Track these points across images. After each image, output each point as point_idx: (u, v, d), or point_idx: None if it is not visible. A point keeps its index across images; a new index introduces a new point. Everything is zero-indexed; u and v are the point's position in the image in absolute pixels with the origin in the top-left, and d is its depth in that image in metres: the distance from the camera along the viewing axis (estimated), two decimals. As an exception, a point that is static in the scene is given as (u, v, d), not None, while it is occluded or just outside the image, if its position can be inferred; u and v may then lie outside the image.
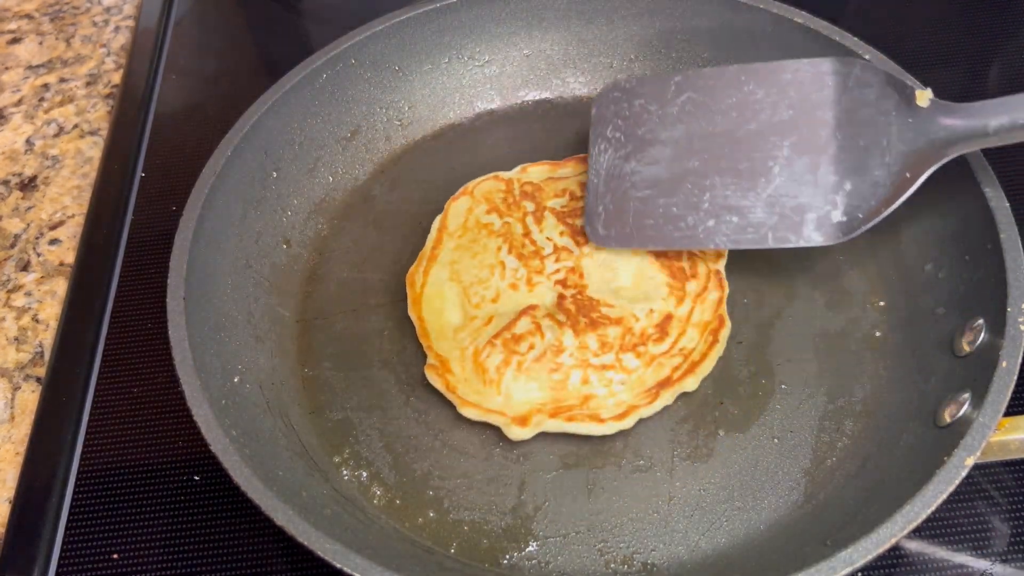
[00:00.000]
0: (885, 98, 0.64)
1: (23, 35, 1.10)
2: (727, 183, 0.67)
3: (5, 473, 0.73)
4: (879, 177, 0.63)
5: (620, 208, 0.70)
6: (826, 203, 0.64)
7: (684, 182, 0.68)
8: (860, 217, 0.63)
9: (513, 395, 0.67)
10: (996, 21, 1.00)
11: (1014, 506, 0.65)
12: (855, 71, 0.66)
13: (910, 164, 0.62)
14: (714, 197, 0.67)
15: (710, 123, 0.69)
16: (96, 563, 0.66)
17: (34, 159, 0.96)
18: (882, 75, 0.65)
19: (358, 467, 0.67)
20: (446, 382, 0.68)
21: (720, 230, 0.67)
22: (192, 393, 0.59)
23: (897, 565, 0.64)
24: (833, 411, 0.67)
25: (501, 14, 0.87)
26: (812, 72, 0.67)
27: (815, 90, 0.67)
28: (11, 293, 0.85)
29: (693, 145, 0.69)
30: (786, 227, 0.65)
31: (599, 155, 0.73)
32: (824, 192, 0.64)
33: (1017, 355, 0.58)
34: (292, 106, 0.79)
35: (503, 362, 0.68)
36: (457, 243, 0.76)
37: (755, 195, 0.66)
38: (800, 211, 0.65)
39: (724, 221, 0.67)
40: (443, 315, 0.72)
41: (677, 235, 0.68)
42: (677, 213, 0.68)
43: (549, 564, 0.62)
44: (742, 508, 0.63)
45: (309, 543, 0.53)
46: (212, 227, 0.71)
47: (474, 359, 0.69)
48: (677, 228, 0.68)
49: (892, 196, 0.62)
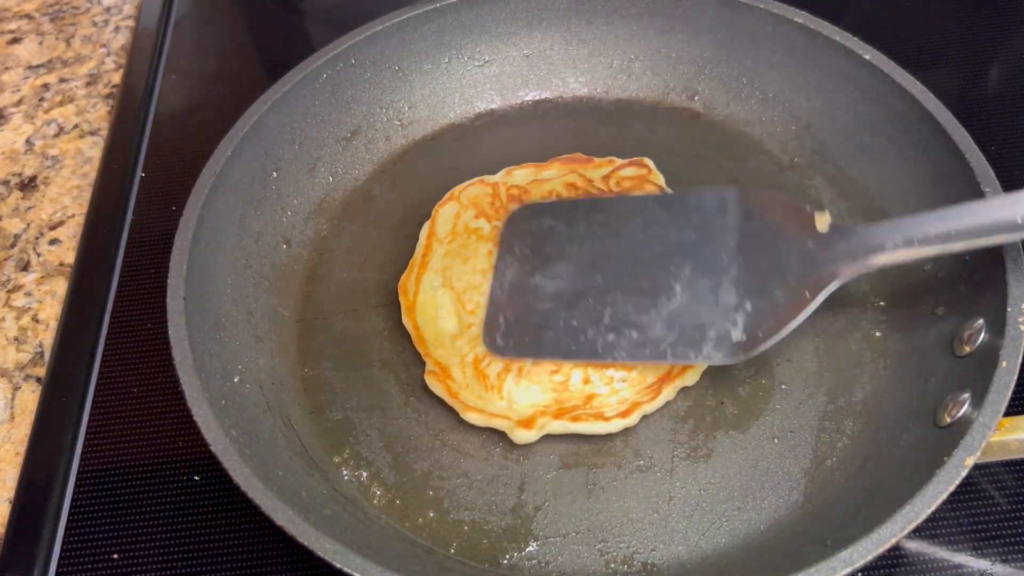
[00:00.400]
0: (787, 223, 0.66)
1: (23, 35, 1.10)
2: (628, 300, 0.67)
3: (5, 473, 0.73)
4: (778, 297, 0.64)
5: (521, 319, 0.69)
6: (726, 322, 0.64)
7: (586, 297, 0.69)
8: (759, 336, 0.63)
9: (516, 399, 0.67)
10: (996, 21, 1.00)
11: (1014, 506, 0.65)
12: (756, 198, 0.69)
13: (809, 284, 0.63)
14: (615, 312, 0.67)
15: (616, 243, 0.71)
16: (96, 563, 0.66)
17: (34, 159, 0.96)
18: (782, 202, 0.69)
19: (358, 467, 0.67)
20: (448, 388, 0.68)
21: (619, 344, 0.66)
22: (192, 393, 0.59)
23: (897, 565, 0.64)
24: (833, 411, 0.67)
25: (501, 14, 0.87)
26: (716, 200, 0.70)
27: (718, 216, 0.69)
28: (11, 293, 0.85)
29: (597, 262, 0.70)
30: (686, 344, 0.65)
31: (504, 268, 0.72)
32: (724, 312, 0.65)
33: (1017, 355, 0.58)
34: (292, 106, 0.79)
35: (504, 368, 0.68)
36: (447, 249, 0.75)
37: (656, 312, 0.66)
38: (700, 329, 0.65)
39: (624, 336, 0.66)
40: (438, 322, 0.72)
41: (575, 348, 0.67)
42: (577, 326, 0.68)
43: (549, 564, 0.62)
44: (742, 508, 0.63)
45: (309, 543, 0.53)
46: (212, 227, 0.71)
47: (474, 366, 0.69)
48: (576, 341, 0.67)
49: (790, 315, 0.63)
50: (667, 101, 0.88)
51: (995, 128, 0.89)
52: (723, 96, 0.87)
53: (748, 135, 0.85)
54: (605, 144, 0.86)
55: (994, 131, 0.89)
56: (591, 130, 0.87)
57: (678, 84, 0.88)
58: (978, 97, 0.93)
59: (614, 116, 0.88)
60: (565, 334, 0.68)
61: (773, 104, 0.84)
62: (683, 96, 0.88)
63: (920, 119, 0.72)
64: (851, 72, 0.78)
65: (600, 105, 0.89)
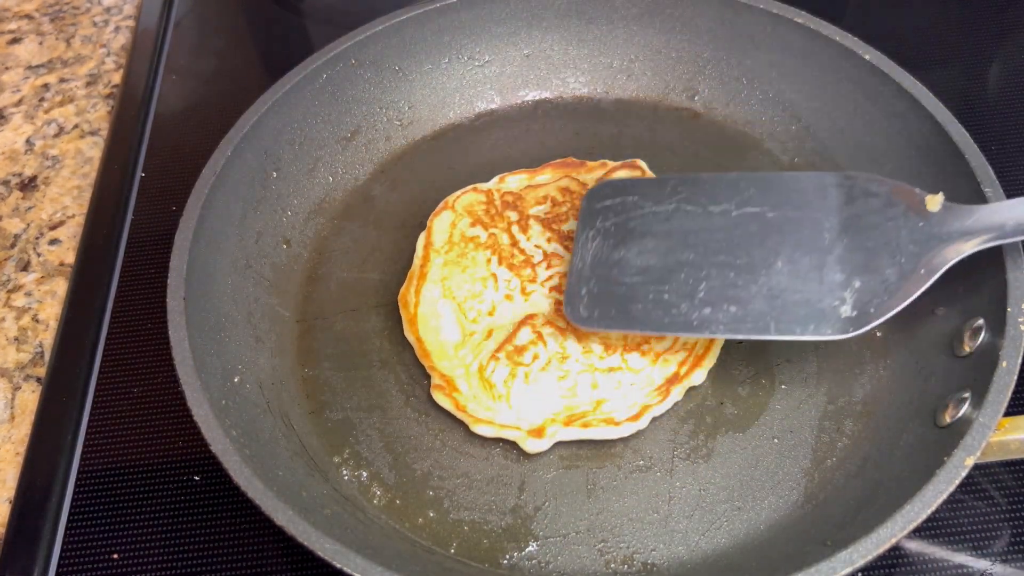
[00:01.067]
0: (892, 206, 0.64)
1: (23, 35, 1.10)
2: (725, 275, 0.65)
3: (5, 473, 0.72)
4: (890, 275, 0.62)
5: (605, 292, 0.67)
6: (834, 299, 0.62)
7: (678, 272, 0.66)
8: (871, 312, 0.61)
9: (524, 407, 0.67)
10: (996, 21, 1.00)
11: (1014, 506, 0.65)
12: (859, 182, 0.66)
13: (924, 262, 0.61)
14: (711, 287, 0.65)
15: (707, 221, 0.68)
16: (96, 563, 0.66)
17: (34, 159, 0.96)
18: (888, 185, 0.65)
19: (358, 467, 0.67)
20: (455, 402, 0.68)
21: (716, 318, 0.64)
22: (192, 393, 0.59)
23: (897, 565, 0.64)
24: (833, 411, 0.67)
25: (501, 14, 0.87)
26: (815, 183, 0.68)
27: (818, 199, 0.67)
28: (11, 293, 0.85)
29: (688, 239, 0.68)
30: (790, 319, 0.63)
31: (586, 242, 0.70)
32: (830, 289, 0.63)
33: (1017, 355, 0.58)
34: (292, 106, 0.79)
35: (509, 375, 0.67)
36: (445, 259, 0.75)
37: (756, 287, 0.64)
38: (806, 304, 0.63)
39: (722, 310, 0.64)
40: (440, 333, 0.71)
41: (667, 320, 0.65)
42: (669, 300, 0.65)
43: (549, 564, 0.62)
44: (742, 508, 0.63)
45: (309, 543, 0.53)
46: (212, 227, 0.71)
47: (480, 375, 0.68)
48: (668, 314, 0.65)
49: (906, 291, 0.61)
50: (667, 101, 0.88)
51: (995, 128, 0.89)
52: (723, 96, 0.87)
53: (748, 135, 0.85)
54: (605, 144, 0.86)
55: (994, 131, 0.89)
56: (591, 130, 0.87)
57: (678, 84, 0.88)
58: (978, 97, 0.93)
59: (614, 116, 0.88)
60: (656, 307, 0.65)
61: (773, 104, 0.84)
62: (683, 96, 0.88)
63: (920, 119, 0.73)
64: (851, 72, 0.78)
65: (600, 105, 0.89)
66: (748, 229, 0.67)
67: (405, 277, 0.76)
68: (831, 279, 0.63)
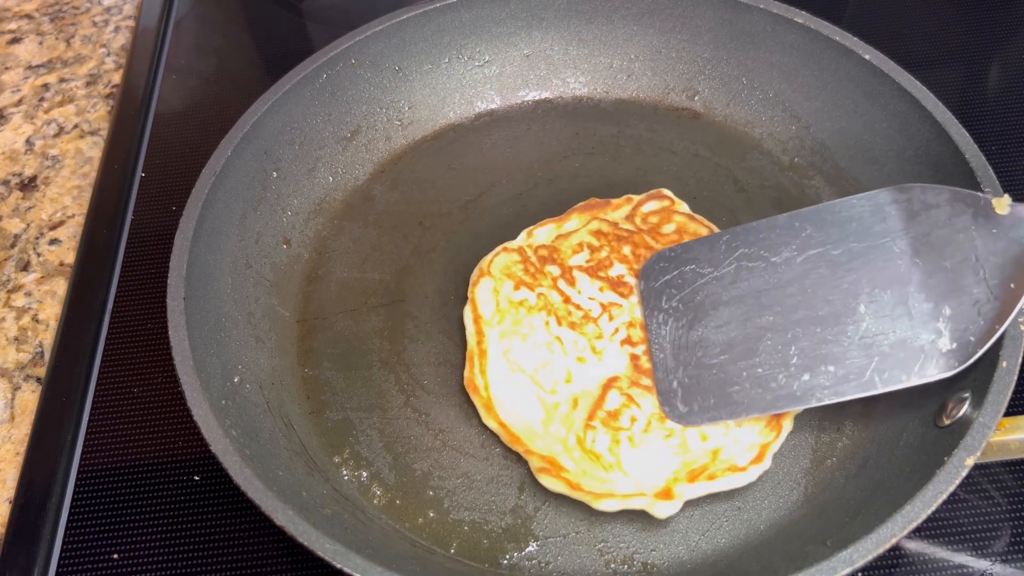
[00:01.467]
0: (958, 215, 0.60)
1: (23, 35, 1.10)
2: (812, 333, 0.62)
3: (5, 473, 0.72)
4: (979, 295, 0.58)
5: (697, 380, 0.64)
6: (930, 333, 0.59)
7: (762, 340, 0.63)
8: (972, 340, 0.58)
9: (640, 472, 0.63)
10: (996, 21, 1.00)
11: (1014, 506, 0.65)
12: (916, 195, 0.62)
13: (1011, 274, 0.58)
14: (802, 349, 0.62)
15: (774, 275, 0.65)
16: (96, 563, 0.66)
17: (34, 159, 0.96)
18: (947, 193, 0.61)
19: (358, 467, 0.67)
20: (567, 482, 0.63)
21: (819, 383, 0.61)
22: (192, 393, 0.59)
23: (897, 565, 0.64)
24: (833, 411, 0.67)
25: (501, 14, 0.87)
26: (870, 205, 0.64)
27: (877, 222, 0.63)
28: (11, 293, 0.85)
29: (761, 300, 0.65)
30: (891, 366, 0.59)
31: (659, 328, 0.67)
32: (923, 322, 0.59)
33: (1017, 355, 0.58)
34: (292, 106, 0.79)
35: (612, 442, 0.64)
36: (500, 330, 0.70)
37: (847, 339, 0.61)
38: (902, 347, 0.59)
39: (821, 373, 0.61)
40: (523, 413, 0.67)
41: (770, 397, 0.62)
42: (764, 374, 0.62)
43: (549, 564, 0.62)
44: (742, 508, 0.63)
45: (309, 543, 0.53)
46: (212, 227, 0.71)
47: (581, 447, 0.64)
48: (768, 390, 0.62)
49: (1003, 311, 0.57)
50: (667, 101, 0.88)
51: (995, 128, 0.89)
52: (723, 96, 0.87)
53: (748, 135, 0.85)
54: (605, 144, 0.86)
55: (994, 131, 0.89)
56: (591, 130, 0.87)
57: (678, 84, 0.88)
58: (978, 97, 0.93)
59: (614, 116, 0.88)
60: (753, 385, 0.62)
61: (773, 104, 0.84)
62: (683, 96, 0.88)
63: (920, 119, 0.73)
64: (851, 72, 0.78)
65: (600, 105, 0.89)
66: (819, 274, 0.64)
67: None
68: (919, 311, 0.60)
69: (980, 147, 0.68)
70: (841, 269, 0.63)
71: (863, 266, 0.63)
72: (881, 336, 0.60)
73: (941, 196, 0.62)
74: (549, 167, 0.85)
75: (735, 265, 0.67)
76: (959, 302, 0.59)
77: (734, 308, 0.65)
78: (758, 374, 0.63)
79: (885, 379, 0.60)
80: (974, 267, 0.59)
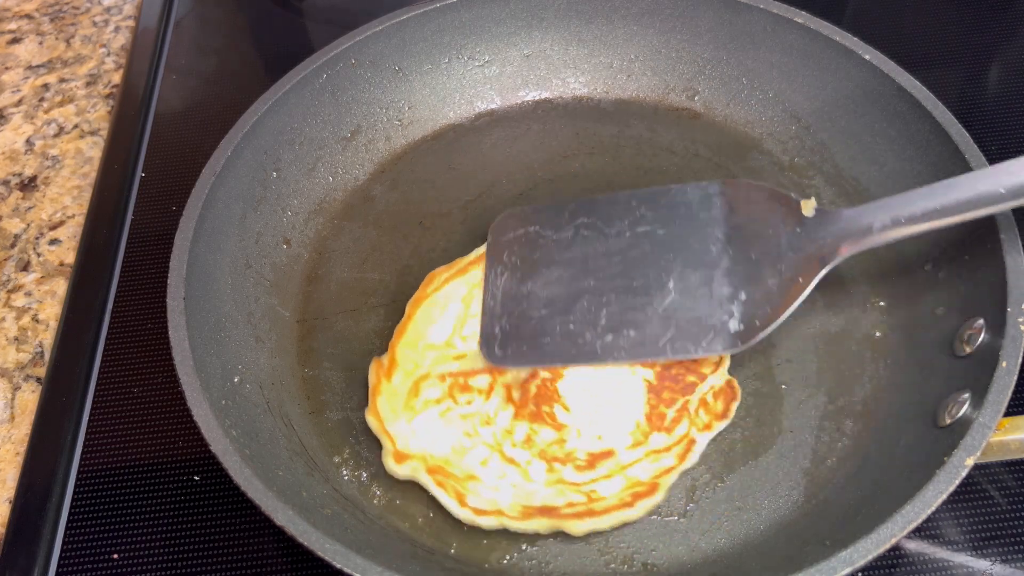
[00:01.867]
0: (771, 212, 0.67)
1: (23, 35, 1.10)
2: (623, 300, 0.68)
3: (5, 473, 0.72)
4: (772, 285, 0.64)
5: (517, 328, 0.69)
6: (723, 313, 0.65)
7: (580, 300, 0.69)
8: (756, 324, 0.64)
9: (417, 433, 0.65)
10: (996, 21, 1.00)
11: (1014, 506, 0.65)
12: (740, 190, 0.69)
13: (801, 270, 0.64)
14: (611, 313, 0.67)
15: (604, 245, 0.71)
16: (96, 563, 0.66)
17: (34, 159, 0.96)
18: (766, 191, 0.68)
19: (358, 467, 0.67)
20: (378, 380, 0.68)
21: (618, 344, 0.66)
22: (192, 393, 0.59)
23: (897, 565, 0.64)
24: (833, 411, 0.67)
25: (501, 14, 0.87)
26: (700, 194, 0.71)
27: (703, 210, 0.70)
28: (11, 293, 0.85)
29: (588, 265, 0.70)
30: (684, 338, 0.65)
31: (495, 278, 0.72)
32: (720, 304, 0.65)
33: (1017, 355, 0.58)
34: (292, 106, 0.79)
35: (435, 401, 0.67)
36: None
37: (652, 309, 0.67)
38: (697, 323, 0.65)
39: (622, 336, 0.66)
40: (431, 325, 0.71)
41: (575, 352, 0.67)
42: (574, 330, 0.67)
43: (549, 564, 0.62)
44: (742, 508, 0.63)
45: (309, 543, 0.53)
46: (212, 227, 0.71)
47: (415, 381, 0.68)
48: (575, 344, 0.67)
49: (786, 302, 0.63)
50: (667, 101, 0.88)
51: (995, 128, 0.89)
52: (723, 96, 0.87)
53: (748, 135, 0.85)
54: (605, 144, 0.86)
55: (994, 131, 0.89)
56: (591, 130, 0.87)
57: (678, 84, 0.88)
58: (978, 97, 0.93)
59: (614, 116, 0.88)
60: (563, 339, 0.67)
61: (773, 104, 0.84)
62: (683, 96, 0.88)
63: (920, 119, 0.73)
64: (851, 72, 0.78)
65: (600, 105, 0.89)
66: (642, 249, 0.70)
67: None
68: (720, 293, 0.66)
69: (980, 147, 0.68)
70: (662, 247, 0.69)
71: (681, 248, 0.69)
72: (681, 311, 0.66)
73: (760, 194, 0.69)
74: (549, 167, 0.85)
75: (573, 232, 0.72)
76: (754, 290, 0.65)
77: (563, 270, 0.71)
78: (569, 330, 0.68)
79: (675, 348, 0.65)
80: (774, 260, 0.65)
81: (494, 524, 0.62)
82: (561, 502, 0.62)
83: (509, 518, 0.62)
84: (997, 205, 0.59)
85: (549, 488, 0.63)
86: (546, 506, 0.62)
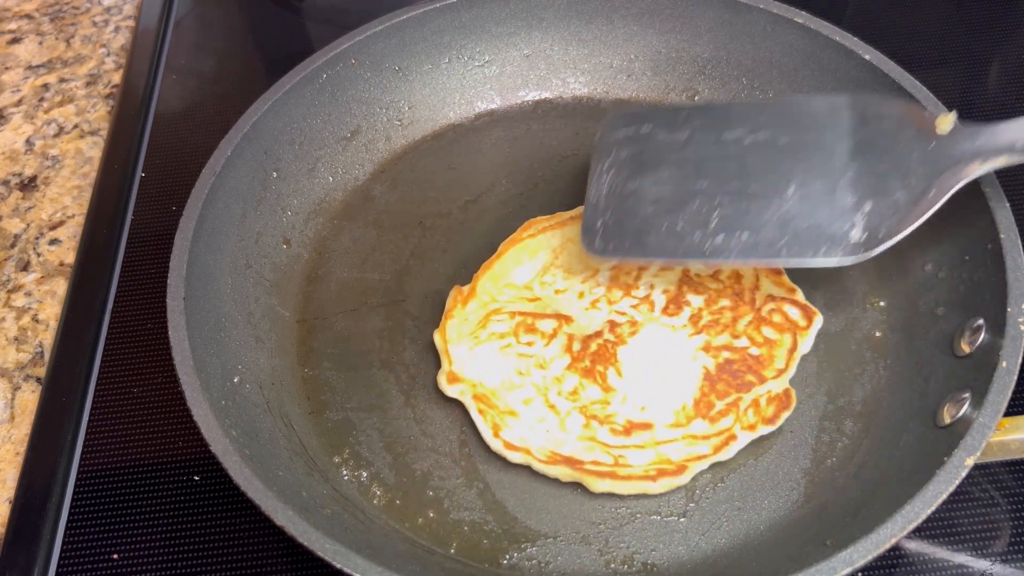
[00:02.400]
0: (903, 127, 0.65)
1: (23, 35, 1.10)
2: (738, 204, 0.66)
3: (5, 473, 0.73)
4: (901, 197, 0.62)
5: (620, 223, 0.68)
6: (845, 223, 0.63)
7: (691, 201, 0.67)
8: (881, 235, 0.62)
9: (474, 360, 0.68)
10: (996, 21, 1.00)
11: (1014, 506, 0.65)
12: (872, 103, 0.67)
13: (934, 183, 0.61)
14: (723, 216, 0.65)
15: (720, 149, 0.69)
16: (96, 563, 0.66)
17: (34, 159, 0.96)
18: (900, 107, 0.66)
19: (358, 467, 0.67)
20: (454, 304, 0.71)
21: (728, 246, 0.64)
22: (192, 393, 0.59)
23: (897, 565, 0.64)
24: (833, 411, 0.67)
25: (501, 14, 0.87)
26: (828, 106, 0.68)
27: (830, 123, 0.67)
28: (11, 293, 0.85)
29: (702, 167, 0.68)
30: (801, 244, 0.63)
31: (601, 174, 0.71)
32: (842, 212, 0.63)
33: (1017, 355, 0.58)
34: (292, 106, 0.79)
35: (499, 335, 0.68)
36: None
37: (768, 215, 0.64)
38: (816, 229, 0.63)
39: (734, 237, 0.64)
40: (518, 266, 0.73)
41: (681, 249, 0.66)
42: (682, 229, 0.66)
43: (549, 564, 0.62)
44: (742, 508, 0.63)
45: (309, 543, 0.53)
46: (212, 227, 0.71)
47: (487, 313, 0.70)
48: (682, 243, 0.65)
49: (916, 214, 0.61)
50: (667, 101, 0.88)
51: (995, 128, 0.89)
52: (723, 96, 0.86)
53: (748, 135, 0.85)
54: (605, 144, 0.86)
55: (994, 131, 0.89)
56: (591, 130, 0.87)
57: (678, 84, 0.88)
58: (978, 97, 0.93)
59: (614, 116, 0.88)
60: (670, 236, 0.66)
61: (773, 104, 0.84)
62: (683, 96, 0.88)
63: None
64: (851, 72, 0.77)
65: (600, 105, 0.89)
66: (761, 156, 0.67)
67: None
68: (842, 203, 0.63)
69: (980, 147, 0.68)
70: (783, 155, 0.67)
71: (804, 157, 0.66)
72: (800, 217, 0.64)
73: (894, 109, 0.66)
74: (549, 167, 0.85)
75: (688, 134, 0.71)
76: (880, 201, 0.63)
77: (674, 170, 0.69)
78: (677, 229, 0.66)
79: (792, 251, 0.63)
80: (904, 173, 0.63)
81: (520, 460, 0.64)
82: (588, 458, 0.64)
83: (535, 459, 0.64)
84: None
85: (580, 442, 0.65)
86: (573, 458, 0.64)
